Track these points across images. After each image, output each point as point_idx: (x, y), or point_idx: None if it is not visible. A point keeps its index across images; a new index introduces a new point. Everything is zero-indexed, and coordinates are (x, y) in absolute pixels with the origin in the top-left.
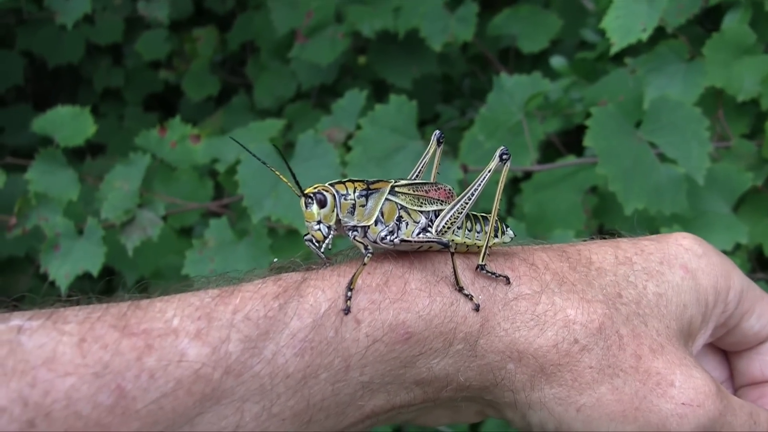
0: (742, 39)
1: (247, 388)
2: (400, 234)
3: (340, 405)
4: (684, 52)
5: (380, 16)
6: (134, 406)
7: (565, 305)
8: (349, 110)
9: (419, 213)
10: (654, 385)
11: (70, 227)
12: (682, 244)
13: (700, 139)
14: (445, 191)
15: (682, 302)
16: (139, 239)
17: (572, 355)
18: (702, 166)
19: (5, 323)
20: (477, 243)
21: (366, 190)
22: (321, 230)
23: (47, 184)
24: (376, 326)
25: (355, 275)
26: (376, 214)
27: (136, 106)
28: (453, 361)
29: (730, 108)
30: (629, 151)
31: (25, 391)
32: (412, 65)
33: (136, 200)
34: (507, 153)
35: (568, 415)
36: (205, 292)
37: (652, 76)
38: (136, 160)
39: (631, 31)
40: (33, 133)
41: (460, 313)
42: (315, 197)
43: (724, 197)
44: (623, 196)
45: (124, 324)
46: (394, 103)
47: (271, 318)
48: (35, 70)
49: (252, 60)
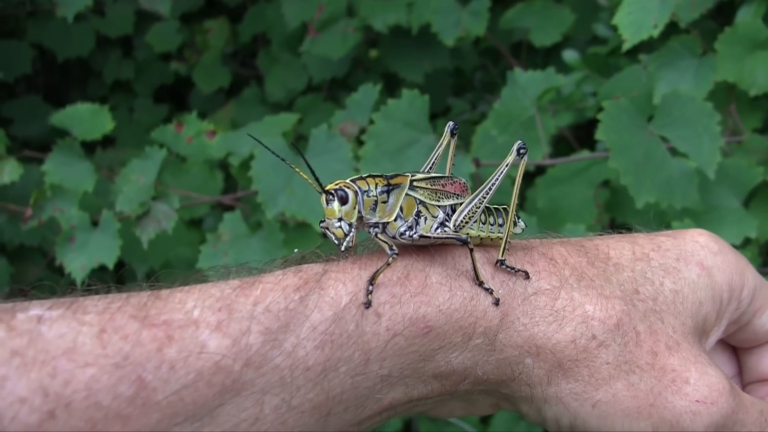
0: (754, 34)
1: (267, 380)
2: (419, 229)
3: (359, 398)
4: (696, 47)
5: (393, 11)
6: (154, 398)
7: (584, 301)
8: (362, 104)
9: (437, 208)
10: (669, 382)
11: (85, 219)
12: (699, 241)
13: (711, 133)
14: (461, 185)
15: (698, 299)
16: (154, 232)
17: (590, 350)
18: (713, 161)
19: (24, 313)
20: (491, 236)
21: (387, 186)
22: (342, 228)
23: (63, 175)
24: (396, 320)
25: (377, 272)
26: (397, 210)
27: (146, 98)
28: (471, 355)
29: (743, 103)
30: (641, 145)
31: (46, 381)
32: (424, 60)
33: (152, 193)
34: (524, 147)
35: (583, 410)
36: (226, 283)
37: (664, 71)
38: (152, 154)
39: (642, 27)
40: (43, 125)
41: (480, 307)
42: (336, 194)
43: (735, 191)
44: (635, 189)
45: (144, 314)
46: (406, 98)
47: (291, 310)
48: (46, 62)
49: (263, 52)
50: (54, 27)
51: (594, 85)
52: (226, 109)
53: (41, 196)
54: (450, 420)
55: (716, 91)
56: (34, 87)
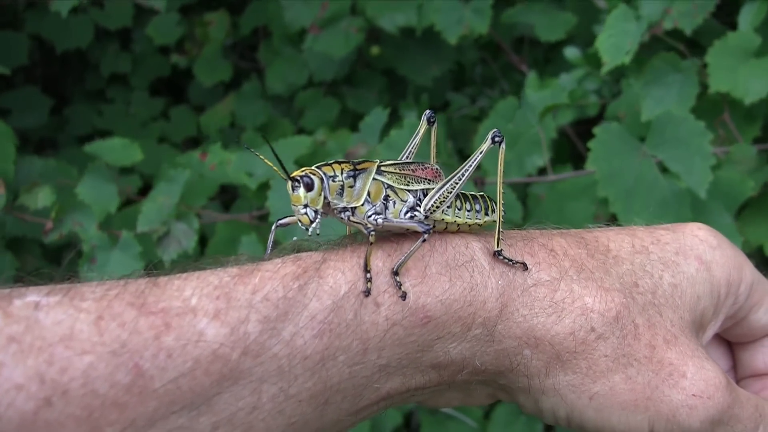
0: (747, 43)
1: (264, 369)
2: (388, 213)
3: (356, 387)
4: (678, 62)
5: (401, 11)
6: (152, 385)
7: (584, 293)
8: (373, 127)
9: (406, 192)
10: (666, 376)
11: (104, 240)
12: (698, 235)
13: (703, 153)
14: (433, 170)
15: (696, 293)
16: (175, 252)
17: (588, 343)
18: (704, 180)
19: (21, 299)
20: (468, 222)
21: (353, 171)
22: (308, 214)
23: (93, 197)
24: (395, 309)
25: (367, 256)
26: (364, 194)
27: (142, 91)
28: (470, 346)
29: (740, 113)
30: (632, 170)
31: (42, 368)
32: (430, 61)
33: (173, 214)
34: (500, 135)
35: (580, 402)
36: (224, 271)
37: (649, 88)
38: (177, 177)
39: (621, 50)
40: (41, 116)
41: (479, 298)
42: (302, 180)
43: (727, 206)
44: (624, 216)
45: (142, 302)
46: (407, 127)
47: (290, 299)
48: (44, 53)
49: (264, 45)
50: (53, 19)
51: (595, 83)
52: (225, 102)
53: (62, 210)
54: (451, 413)
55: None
56: (33, 78)
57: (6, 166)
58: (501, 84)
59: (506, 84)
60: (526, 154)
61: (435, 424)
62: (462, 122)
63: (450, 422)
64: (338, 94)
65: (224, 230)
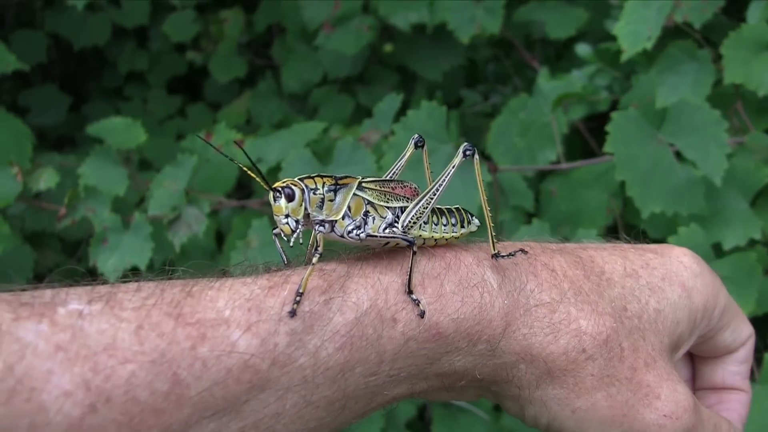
0: (760, 36)
1: (290, 379)
2: (367, 229)
3: (369, 394)
4: (694, 50)
5: (414, 9)
6: (188, 393)
7: (579, 316)
8: (386, 112)
9: (386, 208)
10: (642, 396)
11: (117, 221)
12: (683, 261)
13: (718, 141)
14: (411, 189)
15: (677, 319)
16: (185, 236)
17: (578, 362)
18: (720, 168)
19: (65, 307)
20: (445, 236)
21: (335, 185)
22: (289, 224)
23: (98, 179)
24: (411, 326)
25: (305, 277)
26: (344, 208)
27: (159, 89)
28: (473, 359)
29: (753, 103)
30: (648, 155)
31: (88, 376)
32: (441, 58)
33: (183, 199)
34: (471, 148)
35: (563, 414)
36: (255, 282)
37: (665, 76)
38: (184, 162)
39: (640, 37)
40: (59, 114)
41: (487, 317)
42: (283, 191)
43: (743, 193)
44: (640, 200)
45: (179, 312)
46: (424, 109)
47: (316, 313)
48: (62, 51)
49: (278, 42)
50: (70, 17)
51: (606, 79)
52: (241, 100)
53: (75, 197)
54: (463, 406)
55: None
56: (50, 76)
57: (24, 164)
58: (514, 81)
59: (519, 81)
60: (538, 148)
61: (447, 417)
62: (475, 119)
63: (462, 415)
64: (352, 91)
65: (241, 226)
